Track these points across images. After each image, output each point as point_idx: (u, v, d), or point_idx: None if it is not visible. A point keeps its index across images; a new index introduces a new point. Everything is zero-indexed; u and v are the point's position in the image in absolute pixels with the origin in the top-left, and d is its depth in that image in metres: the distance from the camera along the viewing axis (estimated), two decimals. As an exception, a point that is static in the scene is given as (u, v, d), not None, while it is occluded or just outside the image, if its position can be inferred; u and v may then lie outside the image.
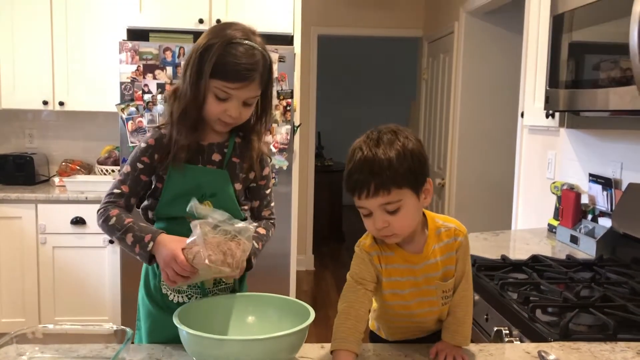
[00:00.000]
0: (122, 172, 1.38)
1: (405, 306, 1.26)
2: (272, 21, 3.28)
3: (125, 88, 3.13)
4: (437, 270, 1.23)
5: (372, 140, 1.15)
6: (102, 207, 1.34)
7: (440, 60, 4.61)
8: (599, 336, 1.37)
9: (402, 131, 1.17)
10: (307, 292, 4.74)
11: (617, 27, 1.64)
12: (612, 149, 2.25)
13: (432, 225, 1.25)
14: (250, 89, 1.32)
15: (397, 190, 1.13)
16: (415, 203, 1.17)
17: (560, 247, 2.30)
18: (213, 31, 1.33)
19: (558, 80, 1.99)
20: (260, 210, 1.51)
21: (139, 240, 1.29)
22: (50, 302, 3.36)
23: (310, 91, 5.13)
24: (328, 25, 5.15)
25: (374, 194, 1.12)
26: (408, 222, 1.17)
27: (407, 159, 1.13)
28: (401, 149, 1.13)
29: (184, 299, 1.36)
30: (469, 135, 4.21)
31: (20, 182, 3.57)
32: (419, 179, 1.16)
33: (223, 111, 1.32)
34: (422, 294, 1.24)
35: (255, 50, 1.31)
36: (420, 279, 1.23)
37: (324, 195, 6.05)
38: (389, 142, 1.14)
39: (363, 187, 1.13)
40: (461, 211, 4.26)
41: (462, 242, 1.25)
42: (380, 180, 1.11)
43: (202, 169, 1.36)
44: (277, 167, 3.27)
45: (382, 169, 1.11)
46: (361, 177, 1.13)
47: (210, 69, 1.28)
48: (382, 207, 1.14)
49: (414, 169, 1.14)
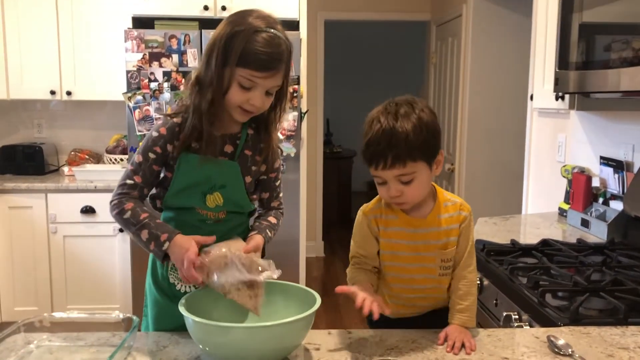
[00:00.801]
0: (133, 161, 1.36)
1: (404, 269, 1.32)
2: (277, 6, 3.23)
3: (132, 76, 3.13)
4: (439, 238, 1.30)
5: (390, 112, 1.20)
6: (116, 199, 1.33)
7: (449, 43, 4.56)
8: (609, 320, 1.35)
9: (417, 103, 1.23)
10: (317, 279, 4.75)
11: (628, 6, 1.60)
12: (624, 131, 2.21)
13: (441, 197, 1.32)
14: (276, 78, 1.30)
15: (412, 163, 1.20)
16: (428, 174, 1.24)
17: (571, 231, 2.28)
18: (235, 20, 1.30)
19: (567, 61, 1.96)
20: (270, 201, 1.51)
21: (154, 238, 1.28)
22: (62, 291, 3.39)
23: (317, 77, 5.09)
24: (335, 10, 5.10)
25: (390, 166, 1.19)
26: (420, 192, 1.26)
27: (422, 132, 1.19)
28: (417, 122, 1.19)
29: (190, 288, 1.36)
30: (478, 119, 4.17)
31: (30, 172, 3.59)
32: (433, 151, 1.23)
33: (246, 100, 1.30)
34: (421, 260, 1.31)
35: (281, 39, 1.29)
36: (419, 243, 1.30)
37: (333, 181, 6.04)
38: (405, 115, 1.20)
39: (380, 159, 1.19)
40: (471, 196, 4.23)
41: (466, 217, 1.32)
42: (396, 153, 1.18)
43: (213, 160, 1.34)
44: (285, 154, 3.22)
45: (398, 141, 1.17)
46: (378, 149, 1.19)
47: (238, 58, 1.25)
48: (397, 177, 1.21)
49: (429, 142, 1.21)
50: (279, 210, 1.52)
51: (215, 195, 1.34)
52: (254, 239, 1.35)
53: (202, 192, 1.34)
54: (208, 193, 1.34)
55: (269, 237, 1.41)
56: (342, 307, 4.09)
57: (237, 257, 1.24)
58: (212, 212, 1.36)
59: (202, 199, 1.34)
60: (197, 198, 1.34)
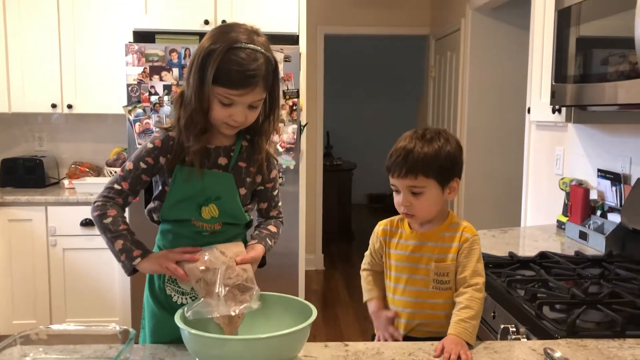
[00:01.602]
0: (124, 167, 1.37)
1: (399, 279, 1.42)
2: (277, 21, 3.29)
3: (132, 90, 3.15)
4: (435, 252, 1.39)
5: (416, 135, 1.38)
6: (101, 202, 1.34)
7: (448, 57, 4.59)
8: (606, 333, 1.35)
9: (445, 134, 1.39)
10: (316, 292, 4.74)
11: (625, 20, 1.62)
12: (621, 144, 2.22)
13: (449, 220, 1.43)
14: (255, 93, 1.30)
15: (423, 177, 1.34)
16: (438, 194, 1.37)
17: (570, 244, 2.28)
18: (215, 34, 1.30)
19: (564, 74, 1.97)
20: (269, 211, 1.51)
21: (127, 250, 1.31)
22: (61, 304, 3.39)
23: (317, 90, 5.12)
24: (335, 24, 5.14)
25: (404, 176, 1.35)
26: (428, 207, 1.38)
27: (439, 158, 1.35)
28: (438, 148, 1.35)
29: (187, 300, 1.36)
30: (477, 132, 4.18)
31: (30, 185, 3.60)
32: (446, 176, 1.37)
33: (228, 116, 1.30)
34: (415, 271, 1.40)
35: (258, 53, 1.28)
36: (417, 255, 1.40)
37: (333, 194, 6.04)
38: (429, 140, 1.36)
39: (397, 167, 1.36)
40: (470, 208, 4.24)
41: (468, 238, 1.39)
42: (411, 167, 1.34)
43: (207, 172, 1.35)
44: (284, 166, 3.27)
45: (415, 158, 1.34)
46: (398, 160, 1.36)
47: (212, 76, 1.26)
48: (409, 188, 1.36)
49: (444, 166, 1.36)
50: (278, 219, 1.52)
51: (211, 207, 1.35)
52: (255, 248, 1.36)
53: (197, 204, 1.35)
54: (203, 205, 1.35)
55: (270, 246, 1.43)
56: (341, 320, 4.08)
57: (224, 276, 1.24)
58: (208, 224, 1.36)
59: (197, 210, 1.35)
60: (192, 210, 1.35)
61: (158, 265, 1.30)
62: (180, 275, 1.27)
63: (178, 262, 1.28)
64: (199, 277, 1.24)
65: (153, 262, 1.31)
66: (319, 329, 3.77)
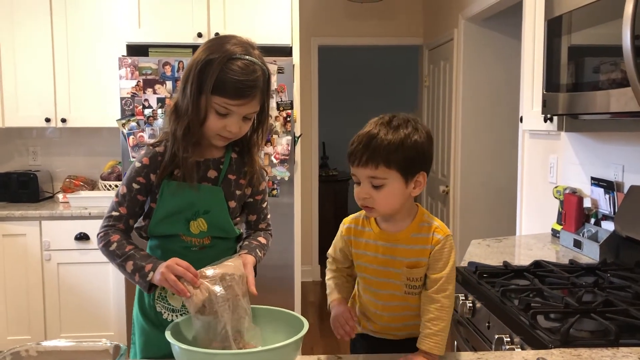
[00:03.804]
0: (118, 193, 1.37)
1: (371, 281, 1.33)
2: (270, 33, 3.30)
3: (126, 103, 3.15)
4: (407, 256, 1.29)
5: (382, 121, 1.25)
6: (103, 231, 1.34)
7: (441, 67, 4.61)
8: (600, 342, 1.34)
9: (414, 123, 1.26)
10: (313, 303, 4.72)
11: (614, 28, 1.63)
12: (614, 152, 2.23)
13: (419, 218, 1.31)
14: (252, 105, 1.31)
15: (385, 168, 1.22)
16: (401, 187, 1.24)
17: (564, 252, 2.28)
18: (211, 45, 1.31)
19: (555, 83, 1.98)
20: (258, 223, 1.51)
21: (139, 269, 1.29)
22: (55, 319, 3.36)
23: (311, 101, 5.14)
24: (328, 35, 5.16)
25: (363, 164, 1.23)
26: (389, 201, 1.25)
27: (404, 147, 1.21)
28: (404, 137, 1.21)
29: (177, 318, 1.35)
30: (471, 141, 4.19)
31: (24, 199, 3.59)
32: (411, 168, 1.24)
33: (223, 127, 1.31)
34: (387, 275, 1.31)
35: (256, 65, 1.30)
36: (388, 257, 1.30)
37: (329, 204, 6.04)
38: (395, 128, 1.23)
39: (357, 155, 1.23)
40: (466, 218, 4.24)
41: (439, 240, 1.28)
42: (372, 154, 1.21)
43: (195, 186, 1.35)
44: (279, 178, 3.26)
45: (377, 146, 1.21)
46: (359, 147, 1.23)
47: (212, 86, 1.26)
48: (369, 179, 1.24)
49: (409, 157, 1.22)
50: (267, 231, 1.52)
51: (199, 222, 1.34)
52: (246, 259, 1.34)
53: (185, 219, 1.34)
54: (192, 219, 1.34)
55: (260, 257, 1.42)
56: (338, 331, 4.04)
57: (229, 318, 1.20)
58: (197, 239, 1.36)
59: (185, 225, 1.34)
60: (180, 225, 1.34)
61: (162, 277, 1.23)
62: (180, 290, 1.19)
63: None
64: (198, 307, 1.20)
65: (159, 274, 1.24)
66: (316, 341, 3.75)
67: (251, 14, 3.31)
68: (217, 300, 1.19)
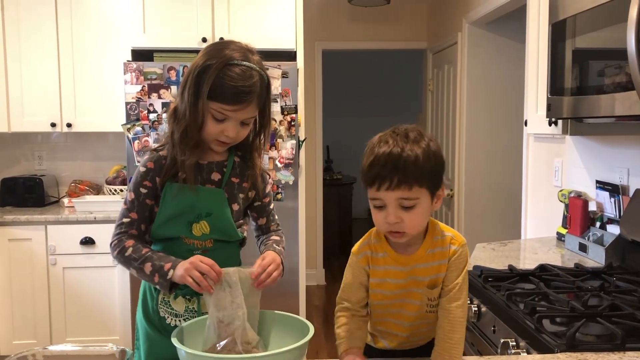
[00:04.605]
0: (126, 199, 1.38)
1: (391, 305, 1.26)
2: (275, 38, 3.31)
3: (131, 108, 3.16)
4: (427, 275, 1.22)
5: (399, 135, 1.14)
6: (116, 239, 1.34)
7: (445, 70, 4.61)
8: (607, 346, 1.34)
9: (425, 133, 1.18)
10: (318, 307, 4.72)
11: (619, 32, 1.63)
12: (619, 155, 2.22)
13: (432, 231, 1.24)
14: (248, 110, 1.32)
15: (418, 187, 1.13)
16: (429, 204, 1.17)
17: (569, 256, 2.27)
18: (210, 51, 1.32)
19: (559, 87, 1.98)
20: (269, 226, 1.53)
21: (158, 269, 1.29)
22: (61, 323, 3.37)
23: (316, 106, 5.14)
24: (332, 39, 5.17)
25: (395, 187, 1.11)
26: (419, 221, 1.17)
27: (431, 160, 1.13)
28: (427, 148, 1.13)
29: (181, 322, 1.35)
30: (475, 144, 4.19)
31: (30, 204, 3.60)
32: (438, 182, 1.17)
33: (220, 132, 1.32)
34: (408, 296, 1.24)
35: (253, 70, 1.31)
36: (406, 280, 1.23)
37: (333, 208, 6.05)
38: (415, 140, 1.14)
39: (385, 179, 1.11)
40: (470, 221, 4.23)
41: (456, 250, 1.23)
42: (404, 175, 1.11)
43: (198, 188, 1.36)
44: (283, 182, 3.27)
45: (407, 164, 1.11)
46: (385, 170, 1.11)
47: (208, 91, 1.28)
48: (399, 201, 1.13)
49: (436, 171, 1.15)
50: (278, 231, 1.54)
51: (202, 224, 1.35)
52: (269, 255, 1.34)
53: (187, 221, 1.35)
54: (194, 222, 1.35)
55: (279, 250, 1.43)
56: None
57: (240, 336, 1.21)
58: (199, 241, 1.36)
59: (188, 228, 1.35)
60: (183, 227, 1.35)
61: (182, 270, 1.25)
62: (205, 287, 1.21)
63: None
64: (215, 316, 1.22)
65: (182, 271, 1.25)
66: (321, 345, 3.75)
67: (255, 18, 3.32)
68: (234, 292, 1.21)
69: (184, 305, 1.36)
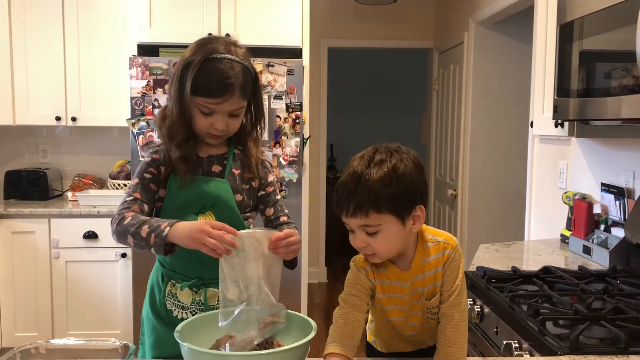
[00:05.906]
0: (131, 185, 1.39)
1: (391, 321, 1.25)
2: (281, 35, 3.30)
3: (136, 103, 3.16)
4: (425, 285, 1.21)
5: (365, 157, 1.12)
6: (117, 214, 1.34)
7: (451, 70, 4.60)
8: (610, 349, 1.34)
9: (399, 152, 1.12)
10: (320, 305, 4.72)
11: (627, 34, 1.62)
12: (624, 158, 2.22)
13: (422, 241, 1.21)
14: (232, 102, 1.33)
15: (376, 214, 1.09)
16: (398, 228, 1.12)
17: (573, 258, 2.26)
18: (195, 47, 1.34)
19: (566, 89, 1.97)
20: (277, 217, 1.49)
21: (154, 229, 1.24)
22: (63, 316, 3.38)
23: (320, 103, 5.14)
24: (338, 37, 5.16)
25: (352, 215, 1.10)
26: (388, 246, 1.13)
27: (392, 184, 1.08)
28: (388, 172, 1.08)
29: (188, 315, 1.36)
30: (480, 145, 4.18)
31: (33, 197, 3.61)
32: (404, 205, 1.11)
33: (210, 125, 1.34)
34: (412, 308, 1.23)
35: (234, 62, 1.32)
36: (407, 296, 1.21)
37: (336, 207, 6.03)
38: (379, 162, 1.09)
39: (343, 206, 1.11)
40: (474, 222, 4.23)
41: (450, 255, 1.20)
42: (358, 201, 1.08)
43: (202, 179, 1.37)
44: (287, 179, 3.27)
45: (362, 190, 1.07)
46: (344, 194, 1.10)
47: (191, 86, 1.29)
48: (362, 227, 1.12)
49: (399, 195, 1.09)
50: (291, 224, 1.51)
51: (207, 215, 1.36)
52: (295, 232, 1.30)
53: (193, 212, 1.36)
54: (200, 213, 1.36)
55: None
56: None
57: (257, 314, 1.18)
58: None
59: (194, 219, 1.35)
60: (189, 219, 1.35)
61: (191, 240, 1.19)
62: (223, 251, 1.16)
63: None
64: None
65: (187, 234, 1.20)
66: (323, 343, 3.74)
67: (262, 15, 3.32)
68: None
69: (191, 297, 1.36)
